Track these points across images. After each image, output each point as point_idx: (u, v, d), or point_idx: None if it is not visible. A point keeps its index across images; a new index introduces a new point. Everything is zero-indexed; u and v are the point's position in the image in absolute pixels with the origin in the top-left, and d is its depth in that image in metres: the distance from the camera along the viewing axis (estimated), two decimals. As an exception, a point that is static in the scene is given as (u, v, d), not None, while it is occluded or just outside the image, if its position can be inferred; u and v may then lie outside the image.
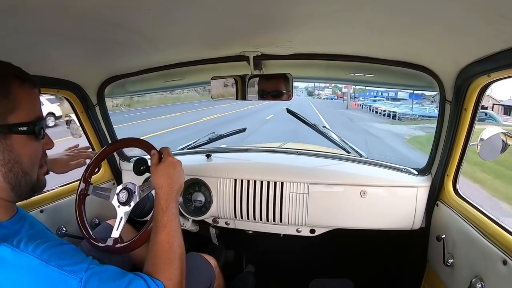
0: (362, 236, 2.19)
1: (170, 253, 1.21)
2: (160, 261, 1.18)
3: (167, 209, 1.29)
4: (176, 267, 1.19)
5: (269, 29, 1.47)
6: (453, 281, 1.67)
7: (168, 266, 1.17)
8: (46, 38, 1.26)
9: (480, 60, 1.34)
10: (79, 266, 0.91)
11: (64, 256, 0.91)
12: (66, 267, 0.89)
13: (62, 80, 1.92)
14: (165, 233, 1.24)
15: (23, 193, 1.02)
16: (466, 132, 1.67)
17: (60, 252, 0.91)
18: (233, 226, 2.33)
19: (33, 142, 1.00)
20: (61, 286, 0.87)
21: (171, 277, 1.14)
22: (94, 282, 0.91)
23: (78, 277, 0.89)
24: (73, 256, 0.94)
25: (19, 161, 0.96)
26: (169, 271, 1.16)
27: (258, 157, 2.56)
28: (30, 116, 0.97)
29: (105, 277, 0.95)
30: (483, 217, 1.53)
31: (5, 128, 0.92)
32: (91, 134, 2.29)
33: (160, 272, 1.14)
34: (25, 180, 0.99)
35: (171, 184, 1.34)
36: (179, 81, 2.58)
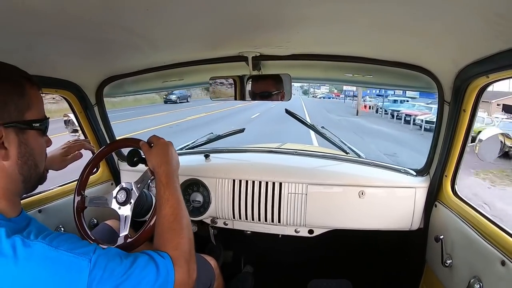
0: (360, 236, 2.19)
1: (174, 224, 1.22)
2: (165, 233, 1.20)
3: (168, 183, 1.31)
4: (183, 236, 1.20)
5: (268, 29, 1.47)
6: (452, 282, 1.68)
7: (174, 237, 1.19)
8: (45, 38, 1.26)
9: (479, 61, 1.34)
10: (87, 248, 0.94)
11: (72, 241, 0.94)
12: (75, 250, 0.92)
13: (61, 80, 1.91)
14: (169, 207, 1.25)
15: (31, 186, 1.10)
16: (464, 133, 1.68)
17: (67, 238, 0.95)
18: (232, 226, 2.33)
19: (41, 138, 1.08)
20: (72, 268, 0.89)
21: (177, 247, 1.16)
22: (102, 261, 0.93)
23: (87, 258, 0.91)
24: (79, 241, 0.97)
25: (32, 154, 1.04)
26: (175, 240, 1.18)
27: (257, 157, 2.56)
28: (41, 114, 1.06)
29: (112, 256, 0.98)
30: (482, 218, 1.53)
31: (23, 124, 1.00)
32: (89, 134, 2.29)
33: (166, 243, 1.16)
34: (35, 172, 1.07)
35: (168, 161, 1.37)
36: (178, 81, 2.58)
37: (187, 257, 1.15)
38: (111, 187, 2.45)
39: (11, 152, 0.97)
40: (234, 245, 2.87)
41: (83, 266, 0.90)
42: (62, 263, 0.89)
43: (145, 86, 2.68)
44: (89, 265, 0.91)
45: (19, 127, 0.99)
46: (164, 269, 1.05)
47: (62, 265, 0.88)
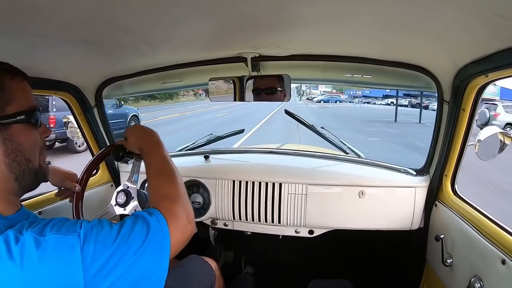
0: (361, 236, 2.19)
1: (162, 176, 1.22)
2: (153, 189, 1.19)
3: (151, 151, 1.32)
4: (168, 184, 1.19)
5: (267, 30, 1.47)
6: (452, 281, 1.68)
7: (160, 186, 1.18)
8: (44, 40, 1.26)
9: (478, 60, 1.34)
10: (73, 227, 0.91)
11: (58, 224, 0.91)
12: (60, 230, 0.89)
13: (60, 82, 1.91)
14: (154, 166, 1.26)
15: (27, 182, 1.04)
16: (464, 132, 1.68)
17: (55, 223, 0.92)
18: (232, 227, 2.33)
19: (31, 130, 1.03)
20: (62, 248, 0.86)
21: (164, 195, 1.14)
22: (91, 233, 0.90)
23: (76, 234, 0.88)
24: (64, 223, 0.93)
25: (21, 149, 0.99)
26: (162, 190, 1.16)
27: (256, 158, 2.56)
28: (25, 106, 1.00)
29: (99, 226, 0.94)
30: (482, 217, 1.53)
31: (5, 119, 0.95)
32: (89, 136, 2.28)
33: (154, 198, 1.15)
34: (28, 168, 1.02)
35: (142, 138, 1.38)
36: (177, 82, 2.58)
37: (178, 201, 1.13)
38: (110, 188, 2.45)
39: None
40: (235, 246, 2.87)
41: (74, 243, 0.87)
42: (51, 247, 0.86)
43: (144, 87, 2.69)
44: (79, 240, 0.88)
45: (0, 123, 0.95)
46: (155, 223, 1.01)
47: (51, 249, 0.85)
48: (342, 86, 38.25)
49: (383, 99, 44.62)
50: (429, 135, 1.94)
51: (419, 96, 33.66)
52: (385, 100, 43.45)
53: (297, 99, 50.92)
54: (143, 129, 1.42)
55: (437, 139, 1.90)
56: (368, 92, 47.13)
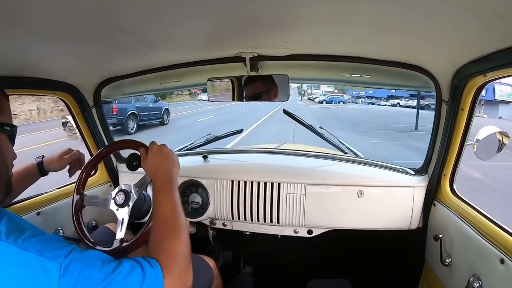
0: (359, 236, 2.19)
1: (166, 227, 1.20)
2: (157, 237, 1.17)
3: (162, 188, 1.30)
4: (175, 239, 1.16)
5: (265, 30, 1.47)
6: (451, 280, 1.68)
7: (165, 240, 1.15)
8: (42, 40, 1.26)
9: (476, 60, 1.34)
10: (59, 252, 0.89)
11: (44, 243, 0.90)
12: (45, 252, 0.87)
13: (58, 82, 1.91)
14: (162, 211, 1.24)
15: (1, 190, 1.04)
16: (462, 132, 1.68)
17: (41, 240, 0.90)
18: (231, 227, 2.33)
19: (9, 143, 1.07)
20: (39, 271, 0.85)
21: (168, 251, 1.11)
22: (76, 266, 0.88)
23: (58, 262, 0.87)
24: (53, 244, 0.92)
25: (3, 155, 1.03)
26: (166, 244, 1.14)
27: (255, 158, 2.56)
28: (10, 120, 1.07)
29: (90, 260, 0.93)
30: (480, 217, 1.54)
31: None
32: (87, 136, 2.28)
33: (157, 248, 1.13)
34: (6, 175, 1.05)
35: (161, 167, 1.37)
36: (176, 82, 2.58)
37: (179, 261, 1.10)
38: (109, 189, 2.45)
39: None
40: (233, 246, 2.87)
41: (52, 270, 0.86)
42: (29, 266, 0.85)
43: (143, 87, 2.68)
44: (59, 269, 0.86)
45: None
46: (152, 276, 1.00)
47: (28, 268, 0.85)
48: (343, 86, 37.33)
49: (387, 99, 43.38)
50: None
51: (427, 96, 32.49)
52: (390, 101, 42.27)
53: (298, 99, 48.62)
54: (166, 156, 1.41)
55: (435, 139, 1.90)
56: (372, 93, 45.72)
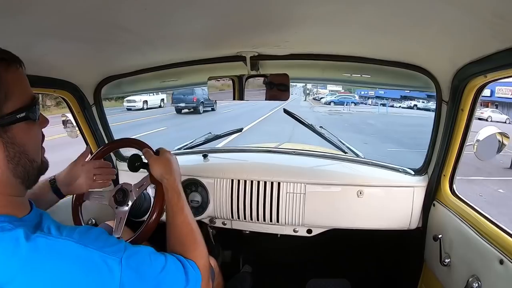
0: (359, 236, 2.19)
1: (193, 233, 1.22)
2: (186, 241, 1.18)
3: (180, 193, 1.31)
4: (202, 247, 1.19)
5: (266, 29, 1.47)
6: (450, 281, 1.68)
7: (196, 246, 1.18)
8: (42, 38, 1.26)
9: (477, 61, 1.34)
10: (117, 247, 0.89)
11: (100, 238, 0.89)
12: (105, 248, 0.86)
13: (58, 80, 1.90)
14: (184, 216, 1.25)
15: (32, 182, 0.95)
16: (462, 132, 1.68)
17: (96, 235, 0.89)
18: (230, 226, 2.33)
19: (32, 126, 0.91)
20: (103, 267, 0.84)
21: (202, 256, 1.15)
22: (133, 261, 0.89)
23: (118, 257, 0.87)
24: (108, 238, 0.92)
25: (24, 151, 0.89)
26: (198, 250, 1.17)
27: (255, 157, 2.57)
28: (25, 100, 0.88)
29: (142, 256, 0.94)
30: (480, 217, 1.54)
31: (3, 120, 0.82)
32: (87, 134, 2.28)
33: (189, 251, 1.14)
34: (33, 168, 0.92)
35: (175, 170, 1.38)
36: (176, 81, 2.58)
37: (208, 265, 1.15)
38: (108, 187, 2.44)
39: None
40: (233, 245, 2.87)
41: (114, 266, 0.85)
42: (93, 263, 0.83)
43: (143, 86, 2.68)
44: (120, 265, 0.86)
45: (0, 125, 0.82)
46: (193, 278, 1.03)
47: (92, 265, 0.83)
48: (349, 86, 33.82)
49: (401, 100, 41.23)
50: None
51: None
52: (405, 102, 39.98)
53: (302, 99, 45.23)
54: (174, 165, 1.41)
55: (435, 139, 1.91)
56: (383, 93, 42.93)
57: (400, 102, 41.55)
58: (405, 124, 21.01)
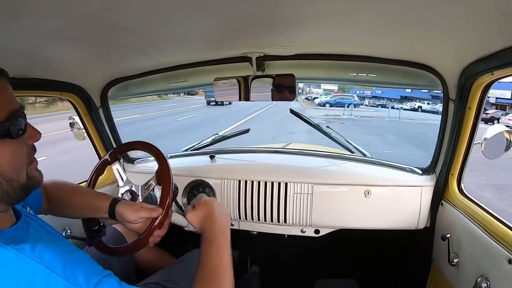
0: (366, 236, 2.18)
1: (217, 269, 1.16)
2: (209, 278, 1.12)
3: (213, 240, 1.25)
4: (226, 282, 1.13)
5: (272, 29, 1.46)
6: (459, 281, 1.67)
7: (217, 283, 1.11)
8: (48, 41, 1.27)
9: (483, 58, 1.33)
10: (88, 278, 0.79)
11: (74, 265, 0.80)
12: (72, 277, 0.77)
13: (65, 83, 1.91)
14: (209, 263, 1.17)
15: (15, 199, 0.87)
16: (470, 130, 1.67)
17: (70, 260, 0.80)
18: (238, 227, 2.33)
19: (11, 143, 0.82)
20: None
21: None
22: None
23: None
24: (84, 267, 0.82)
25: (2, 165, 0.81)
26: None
27: (262, 158, 2.56)
28: (1, 116, 0.80)
29: None
30: (488, 216, 1.53)
31: None
32: (94, 137, 2.29)
33: None
34: (12, 187, 0.83)
35: (212, 217, 1.33)
36: (183, 82, 2.58)
37: None
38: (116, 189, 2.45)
39: None
40: (240, 246, 2.87)
41: None
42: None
43: (149, 87, 2.69)
44: None
45: None
46: None
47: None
48: (343, 85, 32.58)
49: (401, 101, 38.08)
50: None
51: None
52: (408, 104, 36.37)
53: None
54: (218, 207, 1.36)
55: (443, 138, 1.89)
56: (380, 92, 40.98)
57: (400, 103, 38.23)
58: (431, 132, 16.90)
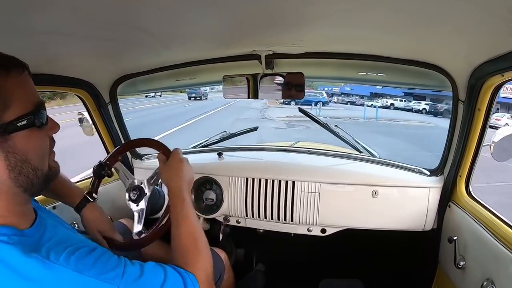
0: (373, 236, 2.18)
1: (196, 243, 1.18)
2: (189, 252, 1.15)
3: (185, 200, 1.27)
4: (205, 256, 1.16)
5: (281, 27, 1.46)
6: (464, 284, 1.66)
7: (198, 257, 1.14)
8: (58, 37, 1.28)
9: (494, 59, 1.32)
10: (115, 272, 0.86)
11: (99, 262, 0.85)
12: (101, 275, 0.83)
13: (75, 79, 1.94)
14: (187, 224, 1.21)
15: (37, 190, 0.92)
16: (479, 132, 1.65)
17: (94, 259, 0.85)
18: (244, 224, 2.34)
19: (37, 133, 0.88)
20: None
21: (203, 268, 1.11)
22: (131, 286, 0.87)
23: (116, 284, 0.84)
24: (106, 262, 0.87)
25: (26, 160, 0.85)
26: (200, 261, 1.13)
27: (270, 156, 2.57)
28: (27, 106, 0.85)
29: (143, 280, 0.90)
30: (496, 219, 1.51)
31: (2, 130, 0.80)
32: (103, 132, 2.31)
33: (190, 263, 1.10)
34: (37, 177, 0.89)
35: (180, 176, 1.33)
36: (191, 80, 2.59)
37: (210, 277, 1.12)
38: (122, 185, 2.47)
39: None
40: (246, 243, 2.88)
41: None
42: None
43: (158, 84, 2.71)
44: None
45: None
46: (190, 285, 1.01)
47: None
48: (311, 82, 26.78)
49: (371, 98, 36.43)
50: None
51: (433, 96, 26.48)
52: (379, 101, 34.53)
53: None
54: (181, 165, 1.37)
55: (452, 139, 1.88)
56: (350, 89, 38.83)
57: (371, 100, 36.58)
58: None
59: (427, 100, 30.74)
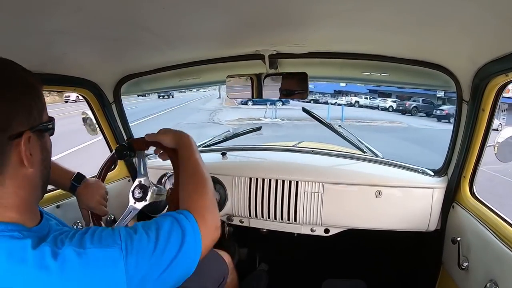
0: (376, 236, 2.17)
1: (196, 180, 1.21)
2: (188, 192, 1.17)
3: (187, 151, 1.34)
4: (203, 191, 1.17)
5: (285, 27, 1.47)
6: (468, 285, 1.65)
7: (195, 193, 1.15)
8: (62, 37, 1.28)
9: (498, 59, 1.31)
10: (113, 238, 0.89)
11: (97, 235, 0.89)
12: (103, 242, 0.86)
13: (78, 78, 1.94)
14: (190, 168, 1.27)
15: (46, 188, 1.01)
16: (483, 133, 1.64)
17: (90, 234, 0.89)
18: (248, 224, 2.34)
19: (49, 139, 0.98)
20: (106, 262, 0.84)
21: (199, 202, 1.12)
22: (132, 245, 0.88)
23: (117, 247, 0.86)
24: (103, 231, 0.91)
25: (48, 156, 0.98)
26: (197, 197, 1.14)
27: (274, 155, 2.57)
28: (48, 113, 0.96)
29: (138, 236, 0.92)
30: (500, 220, 1.50)
31: (44, 127, 0.93)
32: (107, 132, 2.32)
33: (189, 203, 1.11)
34: (48, 176, 1.00)
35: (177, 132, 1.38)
36: (195, 79, 2.60)
37: (212, 210, 1.12)
38: (128, 183, 2.48)
39: (35, 158, 0.89)
40: (250, 243, 2.88)
41: (116, 256, 0.85)
42: (95, 261, 0.83)
43: (162, 84, 2.72)
44: (122, 253, 0.86)
45: (40, 129, 0.90)
46: (190, 228, 1.00)
47: (95, 263, 0.83)
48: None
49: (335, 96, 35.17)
50: None
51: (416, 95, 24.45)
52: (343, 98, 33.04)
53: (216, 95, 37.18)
54: (176, 131, 1.40)
55: (456, 139, 1.87)
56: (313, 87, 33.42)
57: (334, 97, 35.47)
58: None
59: (393, 97, 29.84)
